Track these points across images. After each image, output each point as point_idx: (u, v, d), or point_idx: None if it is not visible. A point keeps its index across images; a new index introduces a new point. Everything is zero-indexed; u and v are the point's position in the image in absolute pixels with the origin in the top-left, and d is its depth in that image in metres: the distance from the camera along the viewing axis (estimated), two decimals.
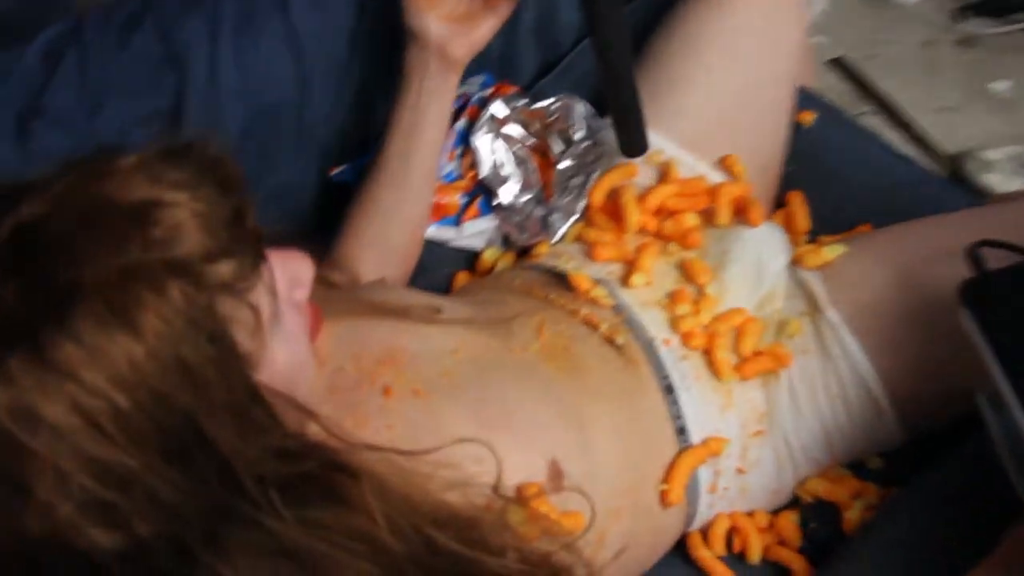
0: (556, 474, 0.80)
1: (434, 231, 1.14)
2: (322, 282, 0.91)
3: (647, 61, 1.12)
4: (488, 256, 1.13)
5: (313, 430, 0.67)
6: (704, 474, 0.94)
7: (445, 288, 1.12)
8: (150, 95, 1.07)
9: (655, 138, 1.06)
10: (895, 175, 1.14)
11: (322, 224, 1.13)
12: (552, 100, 1.13)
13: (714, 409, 0.95)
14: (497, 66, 1.23)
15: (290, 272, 0.69)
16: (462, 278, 1.13)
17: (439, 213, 1.14)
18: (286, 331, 0.67)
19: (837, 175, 1.16)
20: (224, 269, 0.60)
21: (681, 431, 0.93)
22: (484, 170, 1.13)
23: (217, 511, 0.57)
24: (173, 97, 1.06)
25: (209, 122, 1.08)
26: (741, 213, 1.03)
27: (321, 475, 0.63)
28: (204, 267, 0.59)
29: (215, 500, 0.57)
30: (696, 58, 1.10)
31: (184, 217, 0.58)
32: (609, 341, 0.94)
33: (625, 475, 0.89)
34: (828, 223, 1.10)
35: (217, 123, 1.08)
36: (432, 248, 1.13)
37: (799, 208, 1.11)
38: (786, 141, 1.15)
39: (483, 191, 1.14)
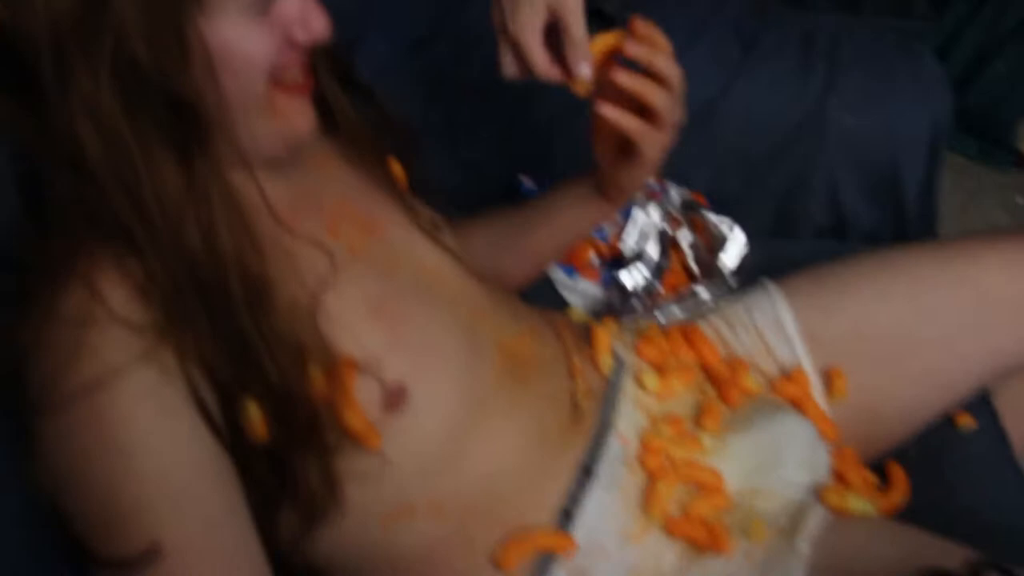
0: (396, 395, 0.74)
1: (552, 268, 1.12)
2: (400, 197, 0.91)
3: (849, 260, 1.04)
4: (574, 315, 1.09)
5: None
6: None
7: None
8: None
9: (782, 308, 0.98)
10: (1011, 526, 0.94)
11: None
12: (723, 222, 1.09)
13: (615, 528, 0.82)
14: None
15: (307, 14, 0.72)
16: None
17: (568, 258, 1.12)
18: (256, 29, 0.69)
19: (954, 492, 0.97)
20: None
21: (566, 515, 0.82)
22: (627, 242, 1.10)
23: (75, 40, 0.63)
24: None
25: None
26: (798, 407, 0.91)
27: (172, 114, 0.65)
28: None
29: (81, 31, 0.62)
30: (886, 277, 1.00)
31: None
32: (573, 396, 0.86)
33: (478, 494, 0.79)
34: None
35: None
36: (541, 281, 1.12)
37: (896, 485, 0.94)
38: (923, 422, 1.00)
39: (613, 264, 1.11)
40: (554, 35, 0.86)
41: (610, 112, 0.83)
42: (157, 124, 0.65)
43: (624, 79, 0.83)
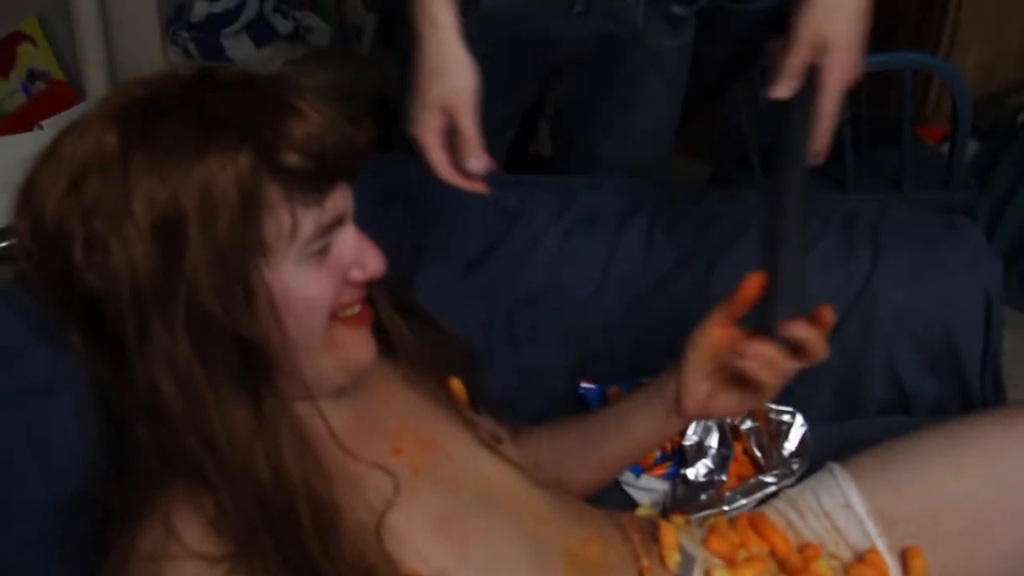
0: None
1: None
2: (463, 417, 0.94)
3: (915, 436, 1.04)
4: (641, 512, 1.09)
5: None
6: None
7: None
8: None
9: (850, 490, 0.98)
10: None
11: None
12: (784, 411, 1.10)
13: None
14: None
15: (363, 254, 0.78)
16: None
17: None
18: (316, 274, 0.75)
19: None
20: (294, 161, 0.71)
21: None
22: (689, 438, 1.12)
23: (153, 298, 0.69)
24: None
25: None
26: None
27: (240, 358, 0.71)
28: (282, 150, 0.70)
29: (159, 289, 0.69)
30: (955, 450, 0.99)
31: (304, 113, 0.71)
32: None
33: None
34: None
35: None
36: None
37: None
38: None
39: (677, 457, 1.12)
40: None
41: (759, 372, 0.85)
42: (227, 368, 0.70)
43: (784, 362, 0.85)
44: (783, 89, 0.96)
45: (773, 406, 1.12)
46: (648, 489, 1.11)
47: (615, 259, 1.25)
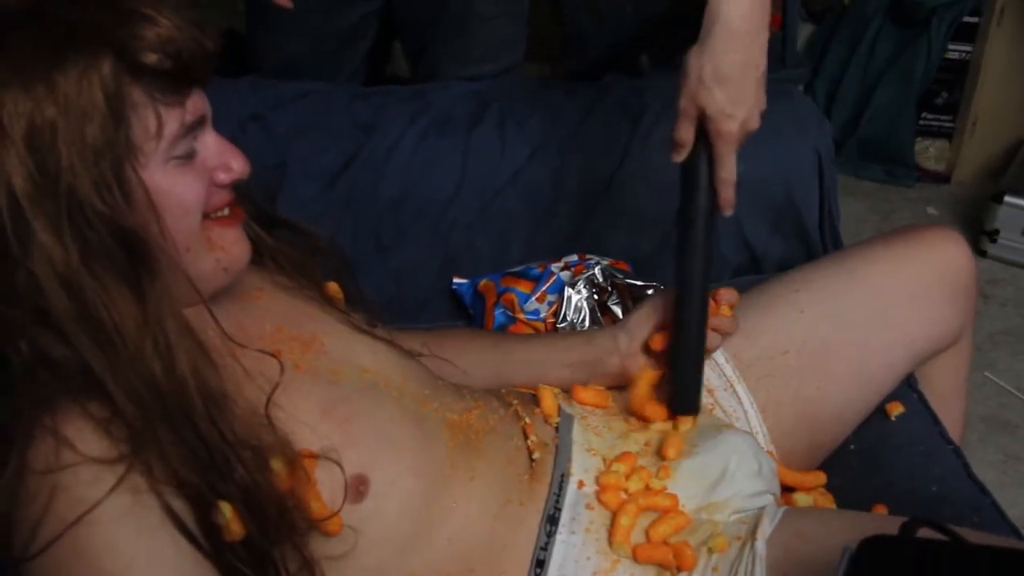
0: (358, 485, 0.81)
1: None
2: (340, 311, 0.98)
3: (762, 287, 1.13)
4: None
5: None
6: None
7: None
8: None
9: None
10: (949, 495, 1.01)
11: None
12: (646, 284, 1.18)
13: (587, 568, 0.88)
14: None
15: (227, 156, 0.82)
16: None
17: None
18: (184, 176, 0.78)
19: (895, 477, 1.05)
20: (153, 60, 0.73)
21: (540, 564, 0.88)
22: (563, 321, 1.18)
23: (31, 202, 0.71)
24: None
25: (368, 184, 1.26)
26: None
27: (122, 251, 0.73)
28: (140, 51, 0.73)
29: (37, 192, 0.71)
30: (796, 294, 1.09)
31: (152, 17, 0.74)
32: (529, 450, 0.93)
33: (453, 560, 0.85)
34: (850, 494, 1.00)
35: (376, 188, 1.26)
36: None
37: None
38: (857, 417, 1.08)
39: None
40: None
41: None
42: (111, 262, 0.73)
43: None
44: (675, 157, 0.99)
45: (639, 282, 1.19)
46: None
47: (470, 158, 1.29)
